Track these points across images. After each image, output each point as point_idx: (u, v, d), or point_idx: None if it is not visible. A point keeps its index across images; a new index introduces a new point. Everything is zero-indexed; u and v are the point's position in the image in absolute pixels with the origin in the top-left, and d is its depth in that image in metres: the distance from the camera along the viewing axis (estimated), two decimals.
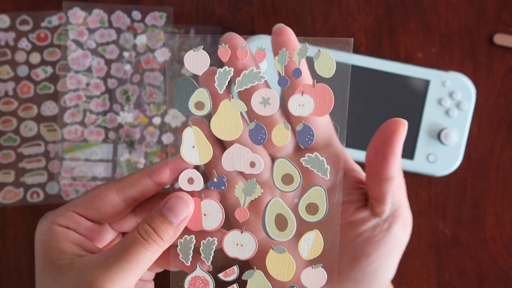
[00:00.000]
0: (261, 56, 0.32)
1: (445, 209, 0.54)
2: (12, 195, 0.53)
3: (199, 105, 0.32)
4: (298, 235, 0.33)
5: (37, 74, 0.55)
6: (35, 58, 0.55)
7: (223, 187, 0.33)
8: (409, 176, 0.54)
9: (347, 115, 0.32)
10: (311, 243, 0.33)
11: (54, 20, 0.55)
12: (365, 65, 0.53)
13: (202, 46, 0.32)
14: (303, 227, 0.33)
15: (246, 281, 0.34)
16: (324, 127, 0.34)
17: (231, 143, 0.33)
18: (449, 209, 0.54)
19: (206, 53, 0.32)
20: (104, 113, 0.54)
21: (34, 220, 0.53)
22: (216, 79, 0.32)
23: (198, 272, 0.34)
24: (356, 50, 0.55)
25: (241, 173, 0.35)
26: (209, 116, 0.33)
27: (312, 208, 0.33)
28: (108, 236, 0.36)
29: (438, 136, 0.52)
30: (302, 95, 0.32)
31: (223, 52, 0.32)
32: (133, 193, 0.34)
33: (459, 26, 0.55)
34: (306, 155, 0.33)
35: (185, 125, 0.33)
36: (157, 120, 0.54)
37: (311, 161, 0.33)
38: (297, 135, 0.33)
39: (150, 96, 0.54)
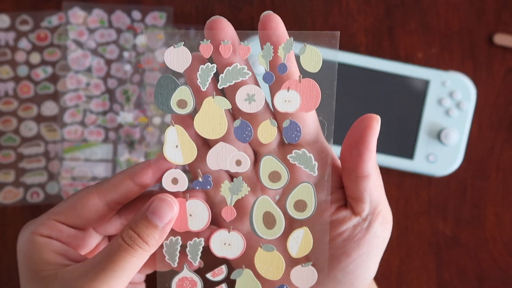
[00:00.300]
0: (244, 52, 0.31)
1: (445, 209, 0.54)
2: (12, 195, 0.53)
3: (182, 103, 0.32)
4: (287, 233, 0.33)
5: (37, 74, 0.55)
6: (35, 58, 0.55)
7: (208, 187, 0.33)
8: (409, 176, 0.54)
9: (335, 110, 0.32)
10: (300, 241, 0.33)
11: (54, 20, 0.55)
12: (365, 65, 0.53)
13: (183, 42, 0.31)
14: (292, 225, 0.33)
15: (235, 281, 0.34)
16: (310, 123, 0.33)
17: (215, 141, 0.33)
18: (449, 209, 0.54)
19: (187, 50, 0.31)
20: (104, 113, 0.54)
21: None
22: (198, 76, 0.31)
23: (186, 273, 0.33)
24: (356, 50, 0.55)
25: (226, 171, 0.35)
26: (193, 114, 0.32)
27: (300, 205, 0.33)
28: (93, 241, 0.35)
29: (438, 136, 0.52)
30: (288, 90, 0.31)
31: (205, 48, 0.31)
32: (115, 196, 0.33)
33: (459, 26, 0.55)
34: (293, 151, 0.32)
35: (168, 124, 0.33)
36: (157, 120, 0.54)
37: (299, 158, 0.32)
38: (283, 131, 0.32)
39: (150, 96, 0.54)
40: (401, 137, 0.53)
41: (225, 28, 0.31)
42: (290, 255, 0.33)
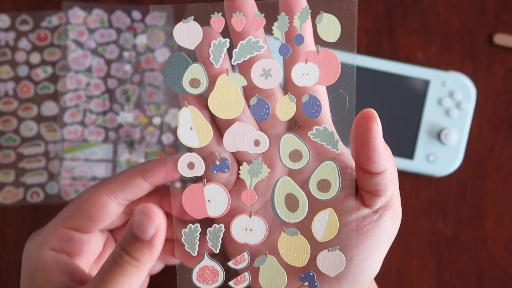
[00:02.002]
0: (258, 23, 0.29)
1: (445, 209, 0.54)
2: (12, 195, 0.53)
3: (194, 82, 0.30)
4: (310, 215, 0.31)
5: (37, 74, 0.55)
6: (35, 58, 0.55)
7: (226, 170, 0.31)
8: (409, 176, 0.54)
9: (355, 83, 0.29)
10: (325, 223, 0.31)
11: (54, 20, 0.55)
12: (365, 65, 0.53)
13: (193, 17, 0.29)
14: (316, 206, 0.31)
15: (258, 268, 0.32)
16: (324, 99, 0.31)
17: (230, 121, 0.31)
18: (449, 209, 0.54)
19: (198, 24, 0.29)
20: (104, 113, 0.54)
21: (34, 220, 0.53)
22: (211, 52, 0.29)
23: (206, 261, 0.31)
24: (356, 50, 0.55)
25: (235, 153, 0.33)
26: (205, 94, 0.30)
27: (324, 185, 0.30)
28: (98, 242, 0.34)
29: (438, 136, 0.52)
30: (306, 63, 0.29)
31: (217, 21, 0.29)
32: (125, 194, 0.31)
33: (459, 26, 0.55)
34: (314, 128, 0.30)
35: (181, 105, 0.31)
36: (157, 120, 0.54)
37: (320, 134, 0.30)
38: (303, 107, 0.30)
39: (150, 96, 0.54)
40: (401, 137, 0.53)
41: None
42: (316, 239, 0.31)
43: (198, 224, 0.31)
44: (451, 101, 0.52)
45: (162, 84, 0.55)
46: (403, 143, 0.53)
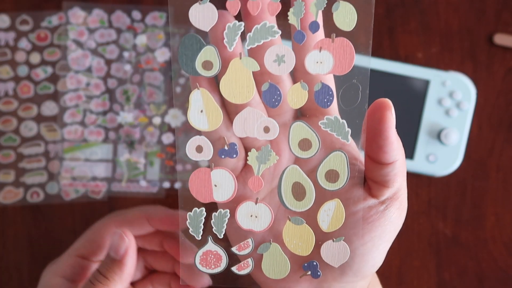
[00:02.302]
0: (274, 9, 0.29)
1: (445, 209, 0.54)
2: (12, 195, 0.53)
3: (207, 65, 0.29)
4: (317, 205, 0.31)
5: (37, 74, 0.55)
6: (35, 58, 0.55)
7: (234, 155, 0.31)
8: (409, 176, 0.54)
9: (369, 73, 0.29)
10: (332, 214, 0.30)
11: (54, 20, 0.55)
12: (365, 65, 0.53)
13: None
14: (322, 196, 0.31)
15: (261, 255, 0.32)
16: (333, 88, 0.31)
17: (240, 106, 0.30)
18: (449, 209, 0.54)
19: (214, 6, 0.28)
20: (104, 113, 0.54)
21: (34, 220, 0.53)
22: (225, 35, 0.29)
23: (210, 246, 0.31)
24: (356, 50, 0.55)
25: (243, 139, 0.32)
26: (217, 77, 0.30)
27: (332, 176, 0.30)
28: None
29: (438, 136, 0.52)
30: (320, 51, 0.29)
31: (232, 4, 0.29)
32: (131, 231, 0.34)
33: (459, 26, 0.55)
34: (325, 117, 0.30)
35: (192, 86, 0.30)
36: (157, 120, 0.54)
37: (331, 124, 0.30)
38: (315, 95, 0.29)
39: (150, 96, 0.54)
40: (401, 137, 0.53)
41: None
42: (321, 229, 0.31)
43: (204, 208, 0.31)
44: (451, 101, 0.52)
45: (162, 84, 0.55)
46: (403, 143, 0.53)
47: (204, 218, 0.31)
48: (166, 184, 0.53)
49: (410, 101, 0.53)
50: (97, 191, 0.53)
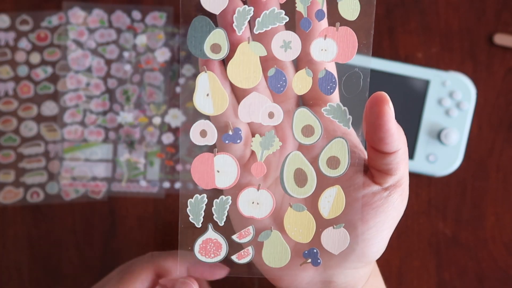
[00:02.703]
0: None
1: (445, 209, 0.54)
2: (12, 195, 0.53)
3: (215, 48, 0.29)
4: (318, 192, 0.31)
5: (37, 74, 0.55)
6: (35, 58, 0.55)
7: (238, 141, 0.31)
8: (409, 176, 0.54)
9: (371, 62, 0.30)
10: (332, 200, 0.31)
11: (54, 20, 0.55)
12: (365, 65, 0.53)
13: None
14: (324, 183, 0.31)
15: (262, 243, 0.32)
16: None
17: (246, 91, 0.30)
18: (449, 209, 0.54)
19: None
20: (104, 113, 0.54)
21: (34, 220, 0.53)
22: (234, 19, 0.29)
23: (210, 233, 0.31)
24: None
25: (248, 124, 0.32)
26: (225, 61, 0.30)
27: (333, 162, 0.30)
28: None
29: (438, 136, 0.52)
30: (325, 39, 0.29)
31: None
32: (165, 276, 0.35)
33: (459, 26, 0.55)
34: (328, 104, 0.30)
35: (200, 69, 0.30)
36: (157, 120, 0.54)
37: (333, 111, 0.30)
38: (319, 82, 0.30)
39: (150, 96, 0.54)
40: None
41: None
42: (321, 216, 0.31)
43: (205, 195, 0.30)
44: (451, 101, 0.52)
45: (162, 84, 0.55)
46: None
47: (205, 205, 0.30)
48: (166, 184, 0.53)
49: (410, 101, 0.53)
50: (97, 191, 0.53)
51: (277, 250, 0.31)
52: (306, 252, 0.32)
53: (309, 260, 0.32)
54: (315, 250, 0.31)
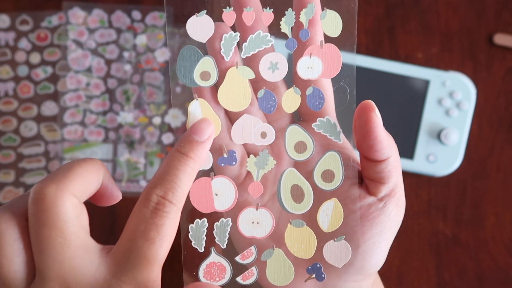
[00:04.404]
0: (267, 18, 0.30)
1: (445, 209, 0.54)
2: (12, 195, 0.53)
3: (205, 75, 0.30)
4: (316, 206, 0.31)
5: (37, 74, 0.55)
6: (35, 58, 0.55)
7: (234, 163, 0.31)
8: (409, 176, 0.54)
9: (355, 74, 0.31)
10: (330, 214, 0.31)
11: (54, 20, 0.55)
12: (365, 65, 0.53)
13: (206, 11, 0.30)
14: (321, 197, 0.31)
15: (265, 262, 0.32)
16: (328, 92, 0.33)
17: (237, 114, 0.31)
18: (449, 209, 0.54)
19: (210, 18, 0.30)
20: (104, 113, 0.54)
21: None
22: (221, 46, 0.30)
23: (213, 257, 0.31)
24: (356, 50, 0.55)
25: (243, 145, 0.33)
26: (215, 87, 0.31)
27: (328, 175, 0.31)
28: None
29: (438, 136, 0.52)
30: (310, 57, 0.30)
31: (228, 16, 0.30)
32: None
33: (459, 26, 0.55)
34: (317, 119, 0.31)
35: (191, 97, 0.31)
36: (157, 120, 0.54)
37: (323, 126, 0.31)
38: (307, 99, 0.31)
39: (150, 96, 0.54)
40: (401, 137, 0.53)
41: None
42: (321, 230, 0.31)
43: (206, 219, 0.31)
44: (451, 101, 0.52)
45: (162, 84, 0.55)
46: (403, 143, 0.53)
47: (207, 229, 0.31)
48: None
49: (410, 101, 0.53)
50: None
51: (280, 268, 0.32)
52: (309, 267, 0.32)
53: (314, 276, 0.32)
54: (318, 265, 0.32)
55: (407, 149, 0.53)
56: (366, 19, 0.55)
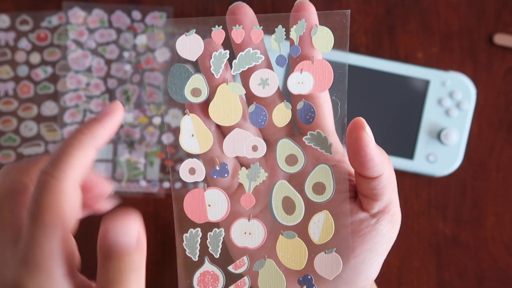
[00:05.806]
0: (257, 36, 0.31)
1: (445, 209, 0.54)
2: None
3: (196, 92, 0.31)
4: (307, 218, 0.32)
5: (37, 74, 0.55)
6: (35, 58, 0.55)
7: (226, 175, 0.32)
8: (409, 176, 0.54)
9: (347, 89, 0.32)
10: (321, 226, 0.32)
11: (54, 20, 0.55)
12: (365, 65, 0.53)
13: (195, 30, 0.31)
14: (312, 209, 0.32)
15: (257, 272, 0.32)
16: (323, 106, 0.33)
17: (229, 128, 0.32)
18: (449, 209, 0.54)
19: (199, 37, 0.31)
20: None
21: None
22: (211, 63, 0.31)
23: (207, 266, 0.32)
24: (356, 50, 0.55)
25: (236, 158, 0.34)
26: (207, 102, 0.32)
27: (319, 188, 0.32)
28: None
29: (438, 136, 0.52)
30: (301, 72, 0.31)
31: (217, 34, 0.31)
32: None
33: (459, 26, 0.55)
34: (308, 133, 0.32)
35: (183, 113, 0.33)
36: (157, 120, 0.54)
37: (314, 139, 0.32)
38: (298, 113, 0.32)
39: (150, 96, 0.54)
40: (401, 137, 0.53)
41: (247, 13, 0.31)
42: (312, 242, 0.32)
43: (199, 229, 0.32)
44: (451, 101, 0.52)
45: (162, 84, 0.55)
46: (403, 143, 0.53)
47: (200, 238, 0.32)
48: (166, 184, 0.53)
49: (410, 101, 0.53)
50: None
51: (272, 279, 0.33)
52: (300, 278, 0.32)
53: (305, 287, 0.33)
54: (309, 277, 0.32)
55: (407, 149, 0.53)
56: (366, 19, 0.55)
